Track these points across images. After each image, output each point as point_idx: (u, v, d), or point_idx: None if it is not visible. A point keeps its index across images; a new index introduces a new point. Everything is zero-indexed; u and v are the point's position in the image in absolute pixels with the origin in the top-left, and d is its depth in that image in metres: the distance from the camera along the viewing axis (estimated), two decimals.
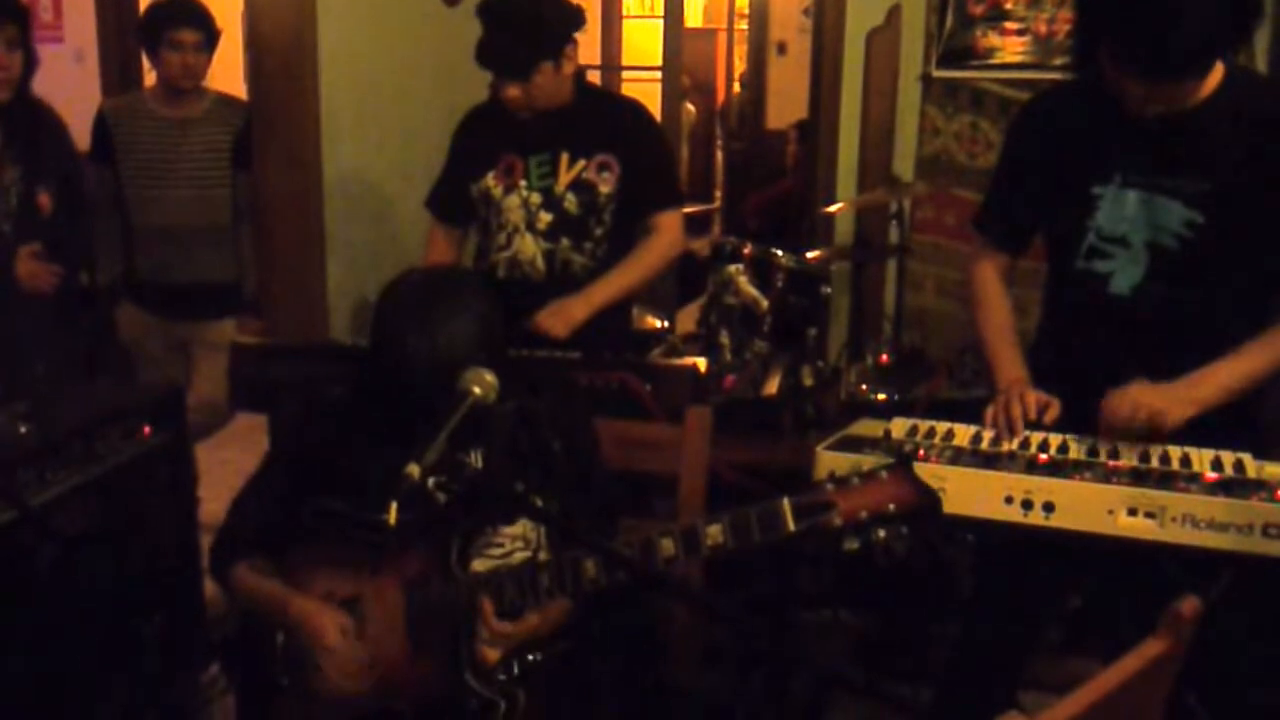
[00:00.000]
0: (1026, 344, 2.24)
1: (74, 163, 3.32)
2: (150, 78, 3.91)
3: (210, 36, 3.57)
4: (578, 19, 2.79)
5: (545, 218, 2.81)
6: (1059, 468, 1.88)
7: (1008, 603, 2.25)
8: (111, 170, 3.58)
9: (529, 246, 2.84)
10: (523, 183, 2.83)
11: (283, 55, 3.45)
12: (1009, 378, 2.12)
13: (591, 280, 2.82)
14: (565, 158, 2.81)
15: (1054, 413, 2.02)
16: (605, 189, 2.81)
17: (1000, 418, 2.03)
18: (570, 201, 2.81)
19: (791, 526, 1.62)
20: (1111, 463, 1.89)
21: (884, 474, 1.60)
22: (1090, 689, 1.20)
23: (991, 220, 2.30)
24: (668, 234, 2.87)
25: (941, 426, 2.07)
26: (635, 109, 2.95)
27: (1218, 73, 1.95)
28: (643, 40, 7.48)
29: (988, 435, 2.03)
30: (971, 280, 2.30)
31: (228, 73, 4.16)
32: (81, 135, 3.58)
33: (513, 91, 2.70)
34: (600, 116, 2.84)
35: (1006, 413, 2.03)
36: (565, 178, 2.81)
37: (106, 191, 3.58)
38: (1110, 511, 1.78)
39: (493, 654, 1.77)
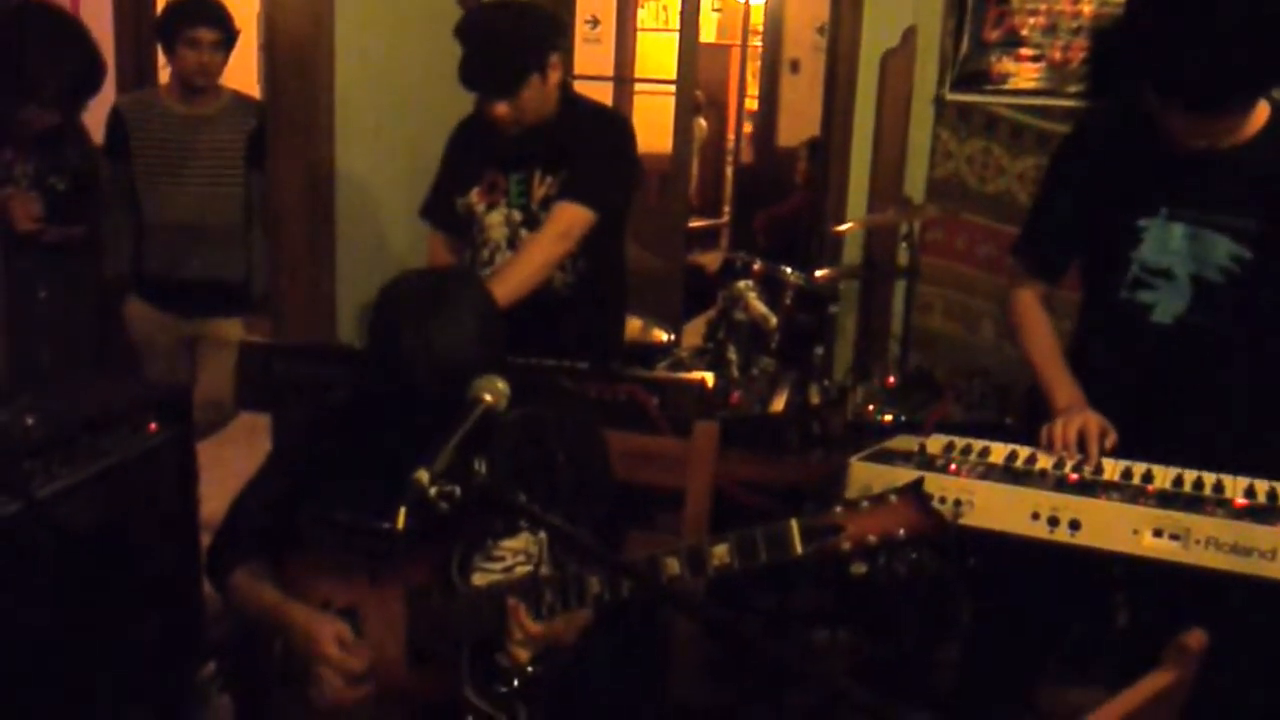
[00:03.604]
0: None
1: (89, 157, 3.33)
2: (166, 74, 3.92)
3: (228, 36, 3.58)
4: (559, 30, 2.76)
5: (525, 235, 2.79)
6: (1088, 487, 1.90)
7: (1011, 628, 2.26)
8: (125, 165, 3.59)
9: None
10: (504, 200, 2.82)
11: (298, 56, 3.45)
12: (1067, 400, 2.13)
13: (573, 297, 2.79)
14: (538, 174, 2.79)
15: (1112, 439, 2.04)
16: None
17: (1072, 440, 2.03)
18: (545, 219, 2.77)
19: (799, 549, 1.61)
20: (1142, 485, 1.90)
21: (894, 498, 1.59)
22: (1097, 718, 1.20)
23: (1031, 249, 2.31)
24: (556, 224, 2.70)
25: (978, 444, 2.08)
26: (603, 119, 2.90)
27: (1264, 110, 1.97)
28: (657, 53, 7.49)
29: (1023, 453, 2.04)
30: (1013, 307, 2.31)
31: (243, 72, 4.16)
32: (96, 130, 3.59)
33: (501, 109, 2.66)
34: (570, 132, 2.78)
35: (1081, 434, 2.03)
36: (538, 194, 2.79)
37: (119, 186, 3.58)
38: (1135, 532, 1.79)
39: (523, 654, 1.74)
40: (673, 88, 5.36)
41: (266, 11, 3.53)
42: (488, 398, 1.64)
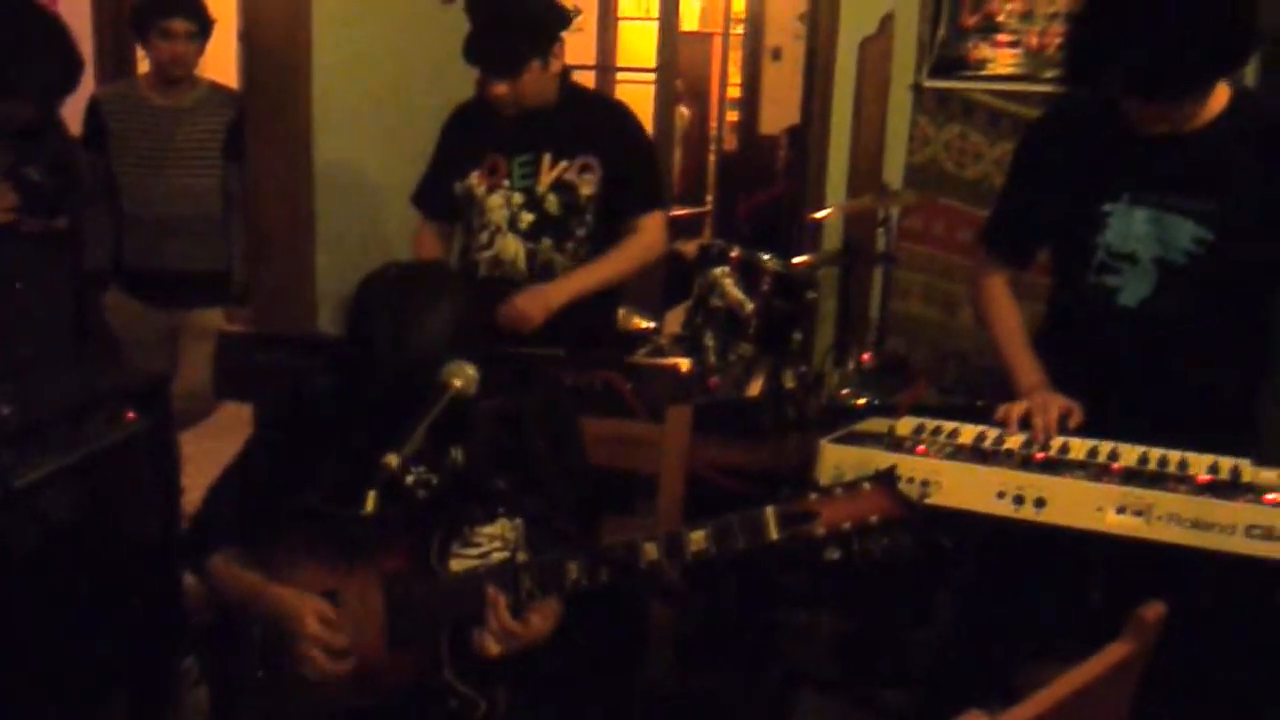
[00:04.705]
0: None
1: (67, 149, 3.33)
2: (144, 65, 3.92)
3: (203, 26, 3.58)
4: (565, 17, 2.80)
5: (527, 218, 2.83)
6: (1054, 465, 1.93)
7: (986, 607, 2.28)
8: (103, 157, 3.59)
9: (511, 246, 2.85)
10: (506, 182, 2.84)
11: (276, 46, 3.46)
12: (1030, 382, 2.16)
13: None
14: (548, 158, 2.82)
15: (1077, 418, 2.07)
16: (586, 190, 2.82)
17: (1037, 421, 2.06)
18: (551, 202, 2.82)
19: (775, 535, 1.64)
20: (1107, 463, 1.93)
21: (867, 485, 1.64)
22: (1054, 690, 1.22)
23: (999, 236, 2.34)
24: (648, 234, 2.89)
25: (948, 425, 2.11)
26: (618, 110, 2.96)
27: (1224, 93, 2.00)
28: (638, 42, 7.48)
29: (991, 434, 2.06)
30: (981, 292, 2.35)
31: (222, 62, 4.16)
32: (74, 121, 3.59)
33: (500, 89, 2.71)
34: (584, 117, 2.85)
35: (1044, 417, 2.06)
36: (547, 178, 2.82)
37: (97, 178, 3.58)
38: (1099, 509, 1.82)
39: (494, 646, 1.76)
40: (653, 77, 5.38)
41: (245, 2, 3.54)
42: (457, 383, 1.67)
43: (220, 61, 4.19)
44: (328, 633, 1.80)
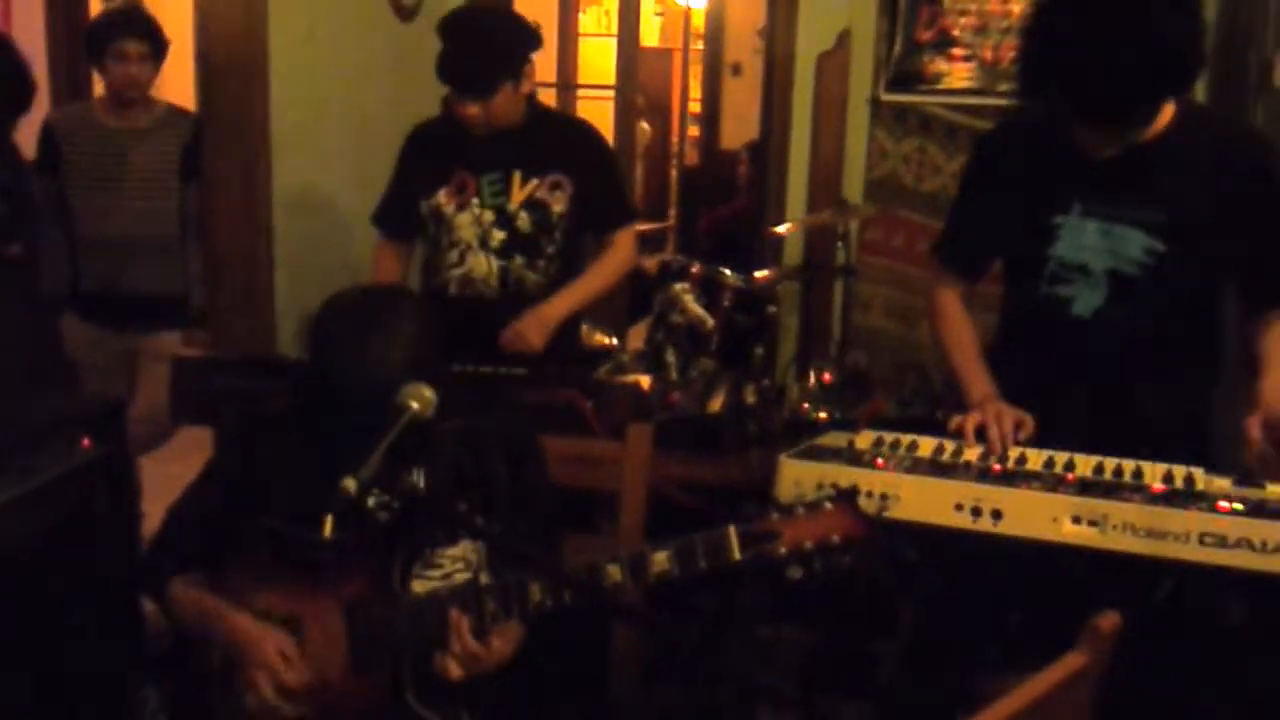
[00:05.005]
0: None
1: (21, 174, 3.29)
2: (100, 88, 3.89)
3: (156, 48, 3.56)
4: (536, 39, 2.84)
5: (498, 235, 2.84)
6: (1010, 477, 1.94)
7: (948, 618, 2.29)
8: (57, 181, 3.56)
9: (483, 264, 2.86)
10: (475, 200, 2.85)
11: (233, 67, 3.45)
12: (980, 393, 2.17)
13: (545, 298, 2.85)
14: (518, 176, 2.84)
15: (1028, 429, 2.08)
16: (558, 208, 2.84)
17: (992, 432, 2.07)
18: (523, 220, 2.83)
19: (737, 555, 1.65)
20: (1063, 474, 1.94)
21: (829, 505, 1.65)
22: (1009, 701, 1.23)
23: (951, 250, 2.36)
24: (623, 249, 2.98)
25: (906, 438, 2.11)
26: (585, 129, 3.00)
27: (1170, 108, 2.02)
28: (598, 59, 7.51)
29: (949, 447, 2.07)
30: (933, 305, 2.36)
31: (179, 84, 4.14)
32: (28, 145, 3.55)
33: (472, 109, 2.72)
34: (552, 136, 2.88)
35: (999, 428, 2.07)
36: (518, 196, 2.84)
37: (51, 202, 3.55)
38: (1055, 519, 1.83)
39: (456, 669, 1.75)
40: (613, 93, 5.41)
41: (200, 22, 3.53)
42: (414, 405, 1.66)
43: (177, 83, 4.16)
44: (285, 670, 1.79)
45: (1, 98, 2.82)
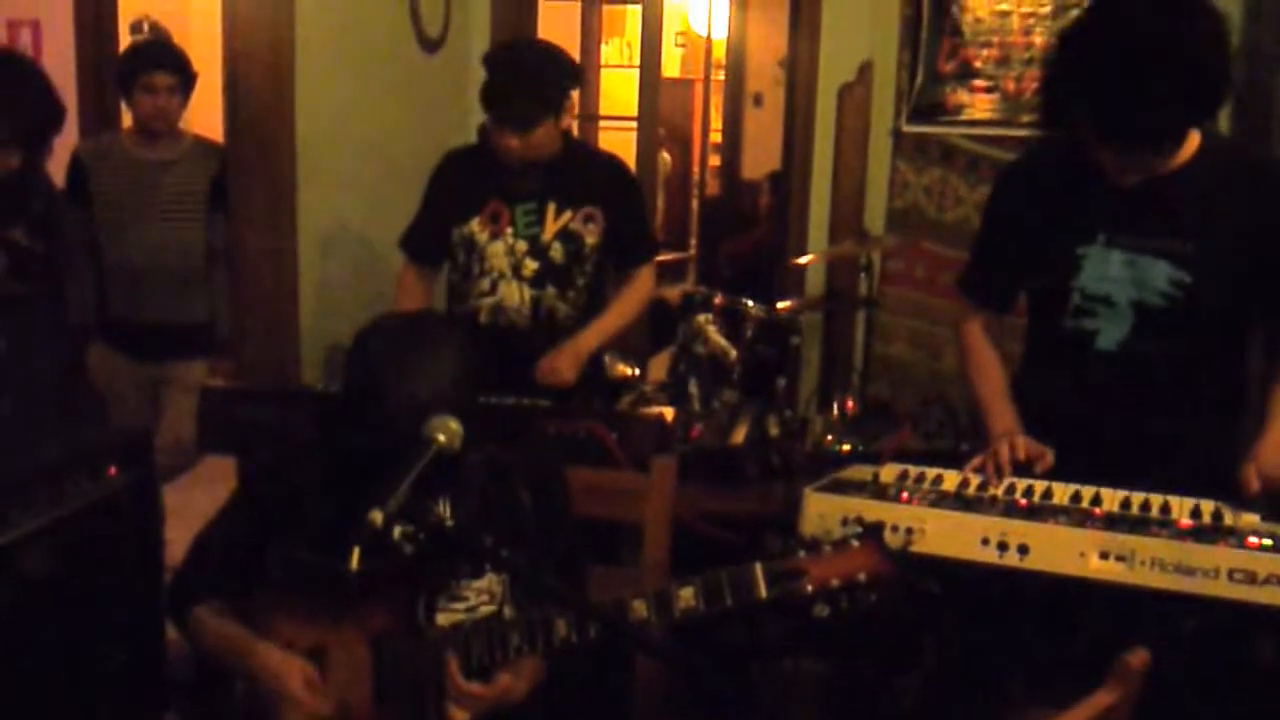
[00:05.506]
0: None
1: (53, 205, 3.33)
2: (128, 119, 3.93)
3: (185, 80, 3.60)
4: (578, 75, 2.88)
5: (531, 265, 2.86)
6: (1037, 512, 1.93)
7: (973, 651, 2.28)
8: (85, 212, 3.59)
9: (515, 293, 2.88)
10: (509, 230, 2.87)
11: (260, 99, 3.48)
12: (1002, 427, 2.17)
13: (574, 328, 2.87)
14: (552, 208, 2.87)
15: (1047, 462, 2.07)
16: (591, 240, 2.87)
17: (991, 463, 2.08)
18: (556, 250, 2.86)
19: (764, 593, 1.65)
20: (1090, 509, 1.93)
21: (855, 543, 1.65)
22: None
23: (974, 283, 2.36)
24: (645, 283, 3.03)
25: (931, 472, 2.11)
26: (617, 165, 3.05)
27: (1194, 137, 2.02)
28: (620, 90, 7.55)
29: (975, 480, 2.07)
30: (961, 338, 2.37)
31: (208, 115, 4.18)
32: (57, 175, 3.59)
33: (512, 141, 2.76)
34: (586, 170, 2.92)
35: (995, 457, 2.07)
36: (552, 227, 2.87)
37: (80, 232, 3.58)
38: (1082, 554, 1.82)
39: (460, 715, 1.75)
40: (635, 124, 5.43)
41: (228, 55, 3.56)
42: (441, 438, 1.66)
43: (206, 114, 4.21)
44: (312, 699, 1.78)
45: (33, 126, 2.84)
